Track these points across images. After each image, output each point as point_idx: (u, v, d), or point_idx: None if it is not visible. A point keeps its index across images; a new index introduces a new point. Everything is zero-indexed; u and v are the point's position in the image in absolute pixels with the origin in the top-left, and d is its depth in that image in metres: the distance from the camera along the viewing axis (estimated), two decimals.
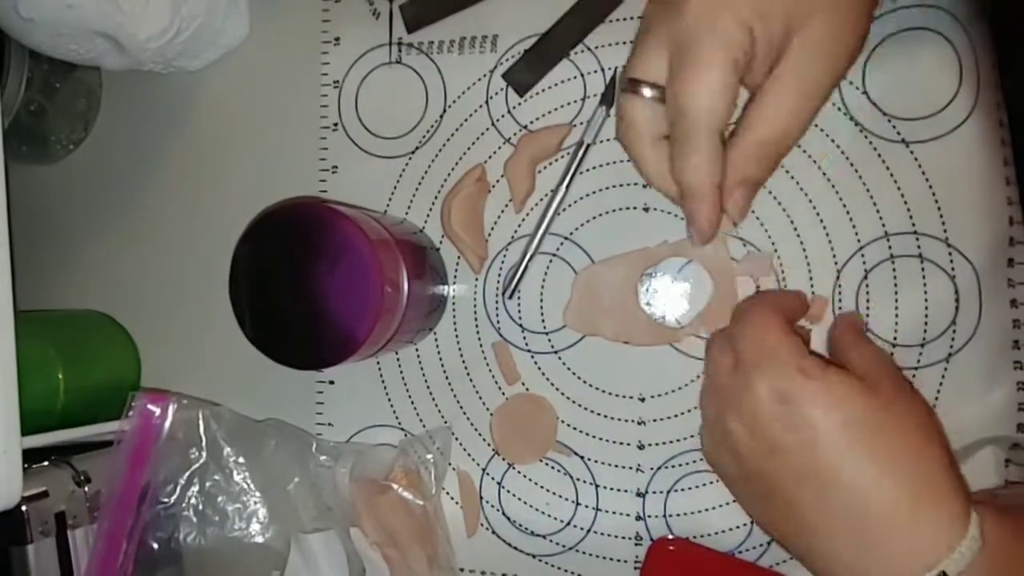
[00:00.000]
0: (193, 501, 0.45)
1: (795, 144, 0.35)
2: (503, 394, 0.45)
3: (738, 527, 0.41)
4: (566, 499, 0.44)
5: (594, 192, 0.43)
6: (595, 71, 0.43)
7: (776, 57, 0.33)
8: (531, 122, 0.44)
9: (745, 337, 0.35)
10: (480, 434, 0.45)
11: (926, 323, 0.39)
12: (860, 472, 0.32)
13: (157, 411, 0.44)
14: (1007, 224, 0.38)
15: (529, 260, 0.43)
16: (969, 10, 0.38)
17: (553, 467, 0.44)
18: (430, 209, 0.46)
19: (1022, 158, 0.38)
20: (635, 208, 0.42)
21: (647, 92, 0.36)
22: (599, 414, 0.43)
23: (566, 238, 0.43)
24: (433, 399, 0.46)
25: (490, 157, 0.45)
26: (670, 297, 0.42)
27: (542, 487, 0.44)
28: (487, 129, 0.45)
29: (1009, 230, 0.38)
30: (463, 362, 0.45)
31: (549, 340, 0.44)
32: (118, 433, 0.44)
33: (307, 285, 0.37)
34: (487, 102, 0.45)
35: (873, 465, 0.32)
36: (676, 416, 0.42)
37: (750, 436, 0.34)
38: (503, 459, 0.45)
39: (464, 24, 0.45)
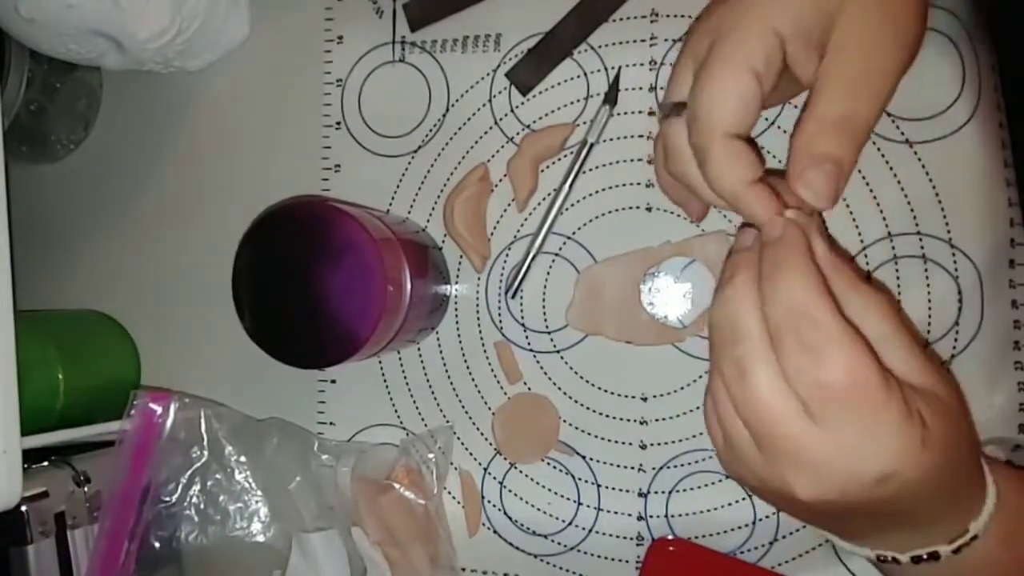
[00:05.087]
0: (195, 500, 0.45)
1: (875, 119, 0.31)
2: (505, 393, 0.44)
3: (740, 527, 0.41)
4: (568, 499, 0.44)
5: (597, 192, 0.43)
6: (598, 70, 0.43)
7: (826, 39, 0.31)
8: (534, 121, 0.44)
9: (729, 430, 0.31)
10: (482, 433, 0.45)
11: (929, 324, 0.39)
12: (878, 522, 0.31)
13: (159, 410, 0.44)
14: (1008, 226, 0.38)
15: (532, 259, 0.43)
16: (972, 12, 0.38)
17: (555, 467, 0.44)
18: (433, 208, 0.46)
19: (1022, 160, 0.38)
20: (638, 208, 0.42)
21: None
22: (601, 414, 0.43)
23: (569, 237, 0.43)
24: (435, 398, 0.46)
25: (493, 156, 0.45)
26: (672, 297, 0.42)
27: (544, 487, 0.44)
28: (490, 128, 0.45)
29: (1010, 232, 0.38)
30: (465, 361, 0.45)
31: (551, 339, 0.44)
32: (120, 432, 0.44)
33: (310, 284, 0.37)
34: (490, 101, 0.45)
35: (891, 518, 0.30)
36: (678, 416, 0.42)
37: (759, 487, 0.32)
38: (505, 458, 0.44)
39: (467, 23, 0.45)
